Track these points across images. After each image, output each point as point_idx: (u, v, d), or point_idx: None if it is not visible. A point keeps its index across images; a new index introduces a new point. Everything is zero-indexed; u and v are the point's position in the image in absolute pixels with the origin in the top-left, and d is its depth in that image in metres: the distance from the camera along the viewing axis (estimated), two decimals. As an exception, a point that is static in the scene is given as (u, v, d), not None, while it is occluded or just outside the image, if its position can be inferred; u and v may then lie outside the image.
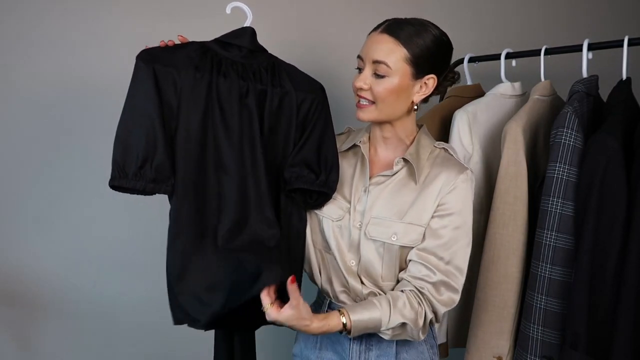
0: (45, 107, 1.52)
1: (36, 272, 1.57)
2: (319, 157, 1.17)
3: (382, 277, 1.12)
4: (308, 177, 1.15)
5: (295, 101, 1.17)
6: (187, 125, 1.08)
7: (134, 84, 1.06)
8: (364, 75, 1.09)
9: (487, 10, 1.89)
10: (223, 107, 1.11)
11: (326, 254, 1.19)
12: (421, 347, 1.17)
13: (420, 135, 1.17)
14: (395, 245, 1.10)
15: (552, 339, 1.19)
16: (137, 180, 1.04)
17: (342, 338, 1.16)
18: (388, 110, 1.11)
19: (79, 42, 1.53)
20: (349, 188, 1.17)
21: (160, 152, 1.05)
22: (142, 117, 1.05)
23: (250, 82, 1.13)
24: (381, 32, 1.08)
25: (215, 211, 1.10)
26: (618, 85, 1.22)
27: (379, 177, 1.15)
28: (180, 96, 1.08)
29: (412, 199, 1.11)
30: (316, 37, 1.72)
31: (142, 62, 1.06)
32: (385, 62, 1.06)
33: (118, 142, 1.05)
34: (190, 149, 1.09)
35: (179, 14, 1.58)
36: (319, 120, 1.19)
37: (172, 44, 1.12)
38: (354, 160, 1.21)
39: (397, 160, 1.14)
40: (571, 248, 1.17)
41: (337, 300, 1.18)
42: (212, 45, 1.14)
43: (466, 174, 1.11)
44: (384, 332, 1.06)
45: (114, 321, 1.66)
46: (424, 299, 1.07)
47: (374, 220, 1.12)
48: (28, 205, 1.55)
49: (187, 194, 1.09)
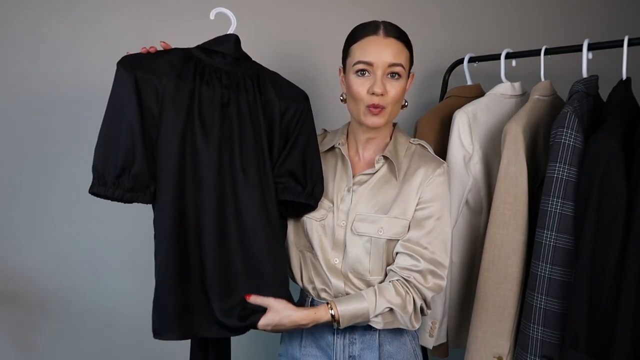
0: (39, 106, 1.52)
1: (36, 272, 1.57)
2: (305, 168, 1.17)
3: (369, 272, 1.16)
4: (295, 189, 1.16)
5: (278, 110, 1.16)
6: (168, 134, 1.06)
7: (115, 90, 1.05)
8: (380, 80, 1.10)
9: (487, 10, 1.89)
10: (204, 117, 1.09)
11: (307, 253, 1.22)
12: (403, 339, 1.20)
13: (397, 133, 1.23)
14: (381, 239, 1.14)
15: (552, 339, 1.19)
16: (115, 188, 1.03)
17: (326, 333, 1.19)
18: (395, 111, 1.16)
19: (75, 42, 1.52)
20: (332, 188, 1.20)
21: (139, 161, 1.04)
22: (121, 124, 1.03)
23: (233, 92, 1.11)
24: (386, 36, 1.11)
25: (194, 222, 1.09)
26: (618, 85, 1.22)
27: (361, 176, 1.19)
28: (162, 104, 1.06)
29: (395, 194, 1.16)
30: (305, 38, 1.72)
31: (123, 68, 1.03)
32: (401, 63, 1.11)
33: (98, 149, 1.04)
34: (170, 158, 1.07)
35: (170, 17, 1.57)
36: (303, 129, 1.18)
37: (154, 50, 1.10)
38: (333, 160, 1.24)
39: (378, 159, 1.18)
40: (571, 248, 1.17)
41: (319, 298, 1.20)
42: (196, 52, 1.12)
43: (442, 168, 1.17)
44: (374, 320, 1.10)
45: (113, 321, 1.66)
46: (411, 286, 1.12)
47: (360, 217, 1.15)
48: (27, 205, 1.55)
49: (166, 204, 1.07)
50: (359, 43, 1.13)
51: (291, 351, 1.24)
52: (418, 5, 1.79)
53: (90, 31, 1.53)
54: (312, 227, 1.19)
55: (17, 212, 1.54)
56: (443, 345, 1.51)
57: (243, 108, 1.12)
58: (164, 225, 1.08)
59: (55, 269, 1.58)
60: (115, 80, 1.04)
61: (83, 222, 1.59)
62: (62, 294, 1.60)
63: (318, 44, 1.71)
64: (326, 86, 1.64)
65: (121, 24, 1.55)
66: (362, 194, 1.17)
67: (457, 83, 1.64)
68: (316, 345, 1.21)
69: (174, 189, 1.08)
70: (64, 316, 1.61)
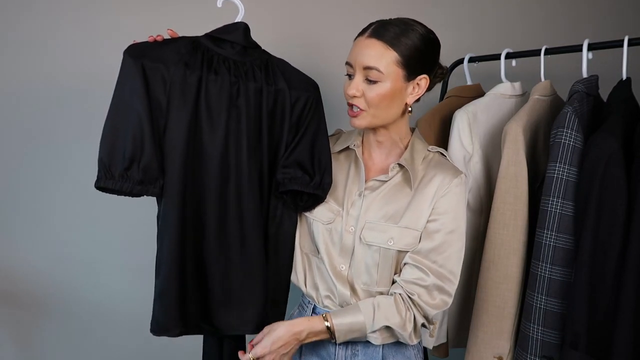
0: (39, 101, 1.51)
1: (36, 272, 1.57)
2: (313, 158, 1.14)
3: (377, 283, 1.11)
4: (302, 179, 1.12)
5: (289, 100, 1.13)
6: (175, 124, 1.04)
7: (121, 79, 1.02)
8: (355, 82, 1.06)
9: (487, 10, 1.89)
10: (210, 106, 1.06)
11: (313, 258, 1.17)
12: (408, 352, 1.16)
13: (414, 140, 1.16)
14: (391, 250, 1.09)
15: (552, 339, 1.19)
16: (124, 181, 1.00)
17: (327, 343, 1.15)
18: (382, 115, 1.09)
19: (71, 37, 1.51)
20: (342, 191, 1.16)
21: (148, 152, 1.00)
22: (129, 115, 1.00)
23: (242, 81, 1.08)
24: (368, 36, 1.05)
25: (197, 217, 1.08)
26: (618, 85, 1.22)
27: (373, 182, 1.14)
28: (169, 93, 1.03)
29: (407, 203, 1.10)
30: (311, 34, 1.72)
31: (130, 57, 1.01)
32: (376, 67, 1.03)
33: (104, 141, 1.00)
34: (177, 149, 1.04)
35: (177, 4, 1.56)
36: (313, 119, 1.16)
37: (160, 38, 1.07)
38: (346, 163, 1.19)
39: (393, 166, 1.13)
40: (571, 248, 1.17)
41: (322, 305, 1.16)
42: (204, 41, 1.09)
43: (460, 178, 1.10)
44: (371, 336, 1.06)
45: (113, 320, 1.66)
46: (413, 304, 1.06)
47: (369, 225, 1.10)
48: (26, 204, 1.55)
49: (173, 198, 1.05)
50: (353, 43, 1.10)
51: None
52: (418, 6, 1.79)
53: (95, 20, 1.51)
54: (319, 231, 1.15)
55: (16, 211, 1.54)
56: (443, 346, 1.51)
57: (251, 99, 1.10)
58: (170, 220, 1.05)
59: (55, 268, 1.58)
60: (122, 70, 1.02)
61: (83, 221, 1.59)
62: (61, 293, 1.60)
63: (318, 44, 1.71)
64: (330, 84, 1.64)
65: (127, 13, 1.53)
66: (374, 200, 1.12)
67: (457, 83, 1.64)
68: (317, 354, 1.17)
69: (181, 182, 1.05)
70: (64, 315, 1.61)
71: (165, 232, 1.07)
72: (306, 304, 1.20)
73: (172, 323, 1.08)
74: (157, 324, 1.09)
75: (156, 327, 1.09)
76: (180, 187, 1.05)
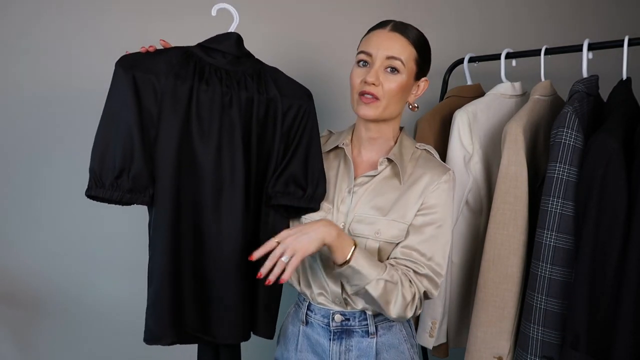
0: (36, 106, 1.51)
1: (34, 273, 1.57)
2: (307, 171, 1.15)
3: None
4: (295, 194, 1.13)
5: (280, 108, 1.14)
6: (166, 134, 1.05)
7: (113, 91, 1.03)
8: (375, 70, 1.09)
9: (488, 10, 1.89)
10: (201, 116, 1.08)
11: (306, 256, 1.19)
12: (402, 347, 1.17)
13: (403, 137, 1.20)
14: (378, 242, 1.11)
15: (552, 339, 1.19)
16: (114, 190, 1.02)
17: (322, 340, 1.16)
18: (392, 107, 1.12)
19: (73, 42, 1.52)
20: (332, 189, 1.18)
21: (138, 161, 1.02)
22: (119, 125, 1.02)
23: (234, 91, 1.10)
24: (391, 30, 1.10)
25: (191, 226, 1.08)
26: (618, 85, 1.22)
27: (363, 178, 1.17)
28: (160, 104, 1.04)
29: (396, 197, 1.13)
30: (309, 36, 1.72)
31: (121, 68, 1.02)
32: (400, 58, 1.09)
33: (95, 151, 1.02)
34: (168, 158, 1.05)
35: (170, 14, 1.56)
36: (306, 130, 1.16)
37: (153, 49, 1.09)
38: (335, 161, 1.22)
39: (382, 160, 1.16)
40: (571, 248, 1.17)
41: (316, 302, 1.18)
42: (196, 51, 1.10)
43: (449, 175, 1.14)
44: (373, 284, 1.03)
45: (111, 321, 1.66)
46: (417, 278, 1.09)
47: (358, 218, 1.13)
48: (24, 205, 1.54)
49: (164, 205, 1.06)
50: (366, 36, 1.14)
51: (287, 355, 1.23)
52: (418, 5, 1.79)
53: (89, 30, 1.53)
54: None
55: (15, 212, 1.54)
56: (443, 345, 1.51)
57: (243, 108, 1.11)
58: (162, 228, 1.06)
59: (54, 268, 1.58)
60: (113, 81, 1.03)
61: (81, 222, 1.59)
62: (60, 294, 1.60)
63: (317, 44, 1.71)
64: (330, 86, 1.64)
65: (120, 22, 1.54)
66: (363, 195, 1.15)
67: (457, 83, 1.64)
68: (312, 350, 1.18)
69: (172, 191, 1.06)
70: (62, 316, 1.61)
71: (157, 240, 1.08)
72: (301, 301, 1.22)
73: (164, 332, 1.08)
74: (150, 332, 1.09)
75: (149, 336, 1.09)
76: (171, 196, 1.06)
